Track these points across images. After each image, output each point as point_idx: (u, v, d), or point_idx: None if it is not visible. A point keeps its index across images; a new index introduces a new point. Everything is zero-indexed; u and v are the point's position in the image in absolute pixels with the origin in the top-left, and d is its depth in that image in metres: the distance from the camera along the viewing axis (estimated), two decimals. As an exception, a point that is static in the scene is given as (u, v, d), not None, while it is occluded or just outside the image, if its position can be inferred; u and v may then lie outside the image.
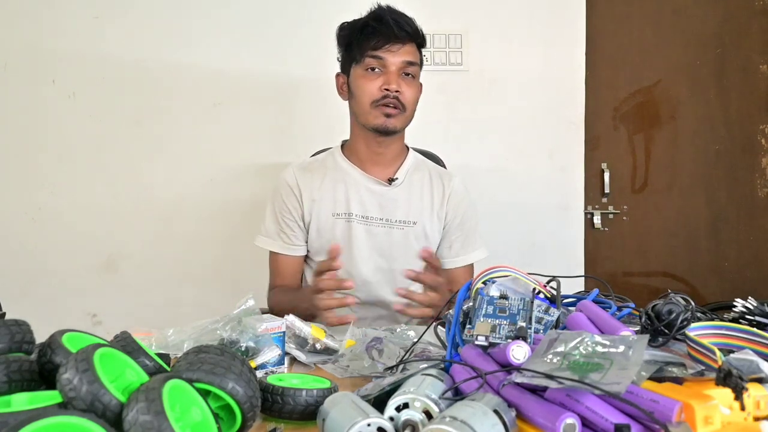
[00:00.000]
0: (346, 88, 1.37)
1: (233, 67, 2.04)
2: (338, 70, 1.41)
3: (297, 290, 1.39)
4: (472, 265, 1.45)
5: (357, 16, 1.36)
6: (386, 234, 1.38)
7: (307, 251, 1.42)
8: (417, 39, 1.33)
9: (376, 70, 1.30)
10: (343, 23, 1.36)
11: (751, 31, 2.24)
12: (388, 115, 1.30)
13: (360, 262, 1.37)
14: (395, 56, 1.29)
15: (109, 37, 2.01)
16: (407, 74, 1.32)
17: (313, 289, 1.14)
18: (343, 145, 1.46)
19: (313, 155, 1.57)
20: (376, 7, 1.33)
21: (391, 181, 1.39)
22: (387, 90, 1.28)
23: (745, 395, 0.53)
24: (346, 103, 1.41)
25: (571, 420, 0.52)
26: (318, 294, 1.11)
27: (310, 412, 0.66)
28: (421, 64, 1.38)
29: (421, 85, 1.41)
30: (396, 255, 1.38)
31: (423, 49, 1.39)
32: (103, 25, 2.01)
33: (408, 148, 1.48)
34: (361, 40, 1.31)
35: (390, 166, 1.41)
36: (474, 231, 1.46)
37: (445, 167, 1.62)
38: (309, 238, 1.40)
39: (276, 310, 1.37)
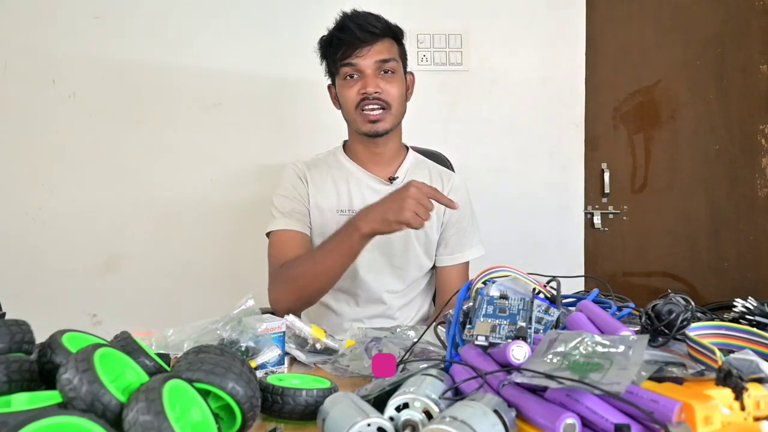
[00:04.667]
0: (337, 99, 1.40)
1: (233, 67, 2.04)
2: (329, 82, 1.43)
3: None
4: (467, 264, 1.45)
5: None
6: None
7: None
8: (387, 34, 1.33)
9: (354, 76, 1.32)
10: (320, 39, 1.38)
11: (751, 31, 2.24)
12: (373, 121, 1.31)
13: (361, 259, 1.37)
14: (366, 59, 1.30)
15: (110, 37, 2.01)
16: (386, 71, 1.32)
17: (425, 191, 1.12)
18: (345, 145, 1.48)
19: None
20: (340, 16, 1.33)
21: (392, 180, 1.40)
22: (365, 93, 1.30)
23: (745, 395, 0.53)
24: None
25: (571, 420, 0.52)
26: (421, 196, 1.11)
27: (310, 412, 0.66)
28: (402, 58, 1.37)
29: (411, 75, 1.42)
30: (396, 252, 1.39)
31: (407, 42, 1.39)
32: (103, 26, 2.01)
33: (407, 147, 1.49)
34: (332, 53, 1.33)
35: (390, 165, 1.43)
36: (470, 230, 1.46)
37: (452, 167, 1.63)
38: (312, 233, 1.39)
39: (295, 272, 1.24)
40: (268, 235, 1.38)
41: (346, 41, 1.30)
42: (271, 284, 1.30)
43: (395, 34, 1.35)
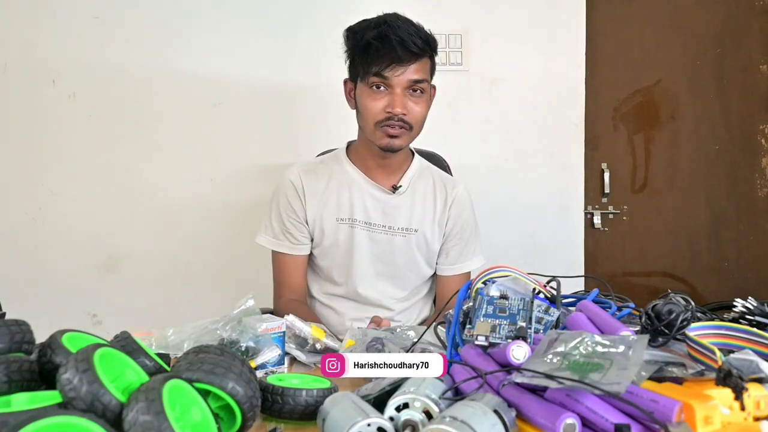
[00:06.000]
0: (353, 95, 1.33)
1: (233, 67, 2.03)
2: (346, 75, 1.35)
3: None
4: (468, 274, 1.44)
5: (358, 18, 1.30)
6: (388, 241, 1.37)
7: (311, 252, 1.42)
8: (426, 53, 1.26)
9: (381, 88, 1.25)
10: (350, 28, 1.29)
11: (751, 31, 2.24)
12: (391, 136, 1.26)
13: (362, 268, 1.37)
14: (401, 77, 1.23)
15: (110, 37, 2.01)
16: (415, 90, 1.26)
17: None
18: (349, 146, 1.44)
19: (318, 156, 1.56)
20: (382, 20, 1.24)
21: (395, 188, 1.37)
22: (391, 112, 1.24)
23: (745, 395, 0.53)
24: (345, 103, 1.38)
25: (571, 420, 0.52)
26: None
27: (310, 412, 0.66)
28: (432, 70, 1.32)
29: (434, 89, 1.36)
30: (397, 262, 1.38)
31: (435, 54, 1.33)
32: (103, 26, 2.01)
33: (413, 153, 1.45)
34: (364, 59, 1.25)
35: (395, 174, 1.40)
36: (472, 240, 1.45)
37: (448, 168, 1.62)
38: (313, 244, 1.40)
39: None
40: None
41: (383, 54, 1.22)
42: (274, 304, 1.42)
43: (433, 51, 1.29)
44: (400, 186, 1.38)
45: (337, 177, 1.39)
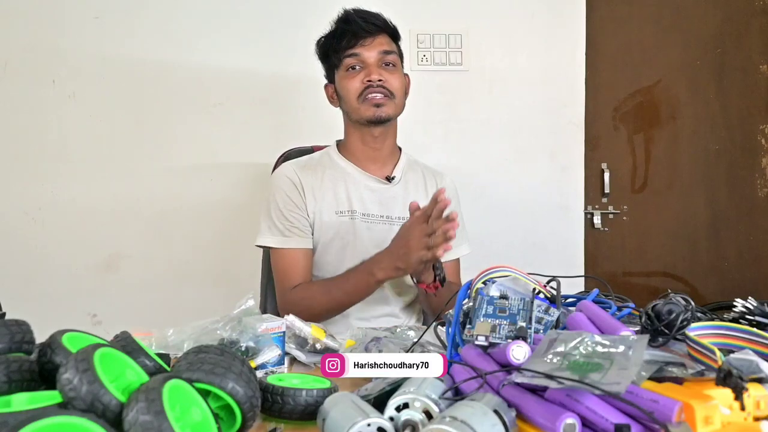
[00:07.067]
0: (335, 95, 1.41)
1: (233, 67, 2.04)
2: (326, 82, 1.45)
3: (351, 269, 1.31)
4: (458, 260, 1.49)
5: None
6: (387, 231, 1.38)
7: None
8: (388, 30, 1.37)
9: (357, 68, 1.34)
10: (319, 38, 1.40)
11: (751, 31, 2.24)
12: (377, 105, 1.33)
13: (363, 259, 1.37)
14: (370, 49, 1.33)
15: (109, 37, 2.01)
16: (387, 64, 1.35)
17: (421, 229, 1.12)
18: (339, 145, 1.47)
19: (285, 153, 1.59)
20: (343, 11, 1.37)
21: (389, 179, 1.42)
22: (369, 81, 1.32)
23: (745, 395, 0.53)
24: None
25: (571, 420, 0.52)
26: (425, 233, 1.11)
27: (310, 412, 0.66)
28: (400, 55, 1.41)
29: (407, 76, 1.43)
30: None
31: (407, 42, 1.45)
32: (103, 25, 2.01)
33: (400, 148, 1.50)
34: (335, 45, 1.35)
35: (386, 164, 1.44)
36: (461, 227, 1.46)
37: None
38: (313, 239, 1.39)
39: (310, 302, 1.30)
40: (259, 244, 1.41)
41: (350, 31, 1.33)
42: (281, 301, 1.36)
43: (394, 32, 1.39)
44: (394, 176, 1.42)
45: (330, 172, 1.41)
